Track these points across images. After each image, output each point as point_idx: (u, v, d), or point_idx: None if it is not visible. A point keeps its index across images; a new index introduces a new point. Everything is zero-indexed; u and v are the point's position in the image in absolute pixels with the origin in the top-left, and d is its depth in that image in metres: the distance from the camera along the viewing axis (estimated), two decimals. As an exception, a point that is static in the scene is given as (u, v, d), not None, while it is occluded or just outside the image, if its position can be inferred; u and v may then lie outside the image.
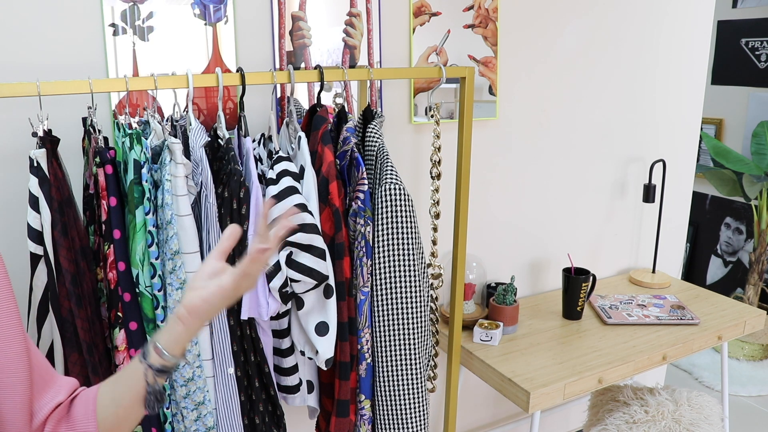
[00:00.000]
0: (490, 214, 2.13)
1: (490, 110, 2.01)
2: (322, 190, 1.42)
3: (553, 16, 2.06)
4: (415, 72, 1.57)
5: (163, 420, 1.35)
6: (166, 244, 1.27)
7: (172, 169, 1.26)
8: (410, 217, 1.45)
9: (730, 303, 2.18)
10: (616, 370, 1.76)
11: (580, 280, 1.99)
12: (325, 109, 1.46)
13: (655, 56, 2.33)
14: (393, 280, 1.47)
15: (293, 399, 1.54)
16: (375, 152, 1.49)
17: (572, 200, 2.30)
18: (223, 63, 1.57)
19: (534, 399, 1.63)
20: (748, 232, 3.68)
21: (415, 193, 1.96)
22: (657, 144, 2.45)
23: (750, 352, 3.27)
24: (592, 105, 2.23)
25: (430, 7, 1.82)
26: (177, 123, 1.35)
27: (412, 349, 1.50)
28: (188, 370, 1.30)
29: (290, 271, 1.34)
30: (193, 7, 1.51)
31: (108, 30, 1.43)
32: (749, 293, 3.33)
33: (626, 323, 2.00)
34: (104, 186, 1.25)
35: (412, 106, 1.87)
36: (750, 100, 3.54)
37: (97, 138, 1.26)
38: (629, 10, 2.21)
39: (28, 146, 1.42)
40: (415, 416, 1.53)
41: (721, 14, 3.62)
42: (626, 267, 2.53)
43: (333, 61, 1.71)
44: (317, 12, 1.66)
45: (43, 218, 1.21)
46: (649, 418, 1.88)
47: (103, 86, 1.23)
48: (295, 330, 1.46)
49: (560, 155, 2.22)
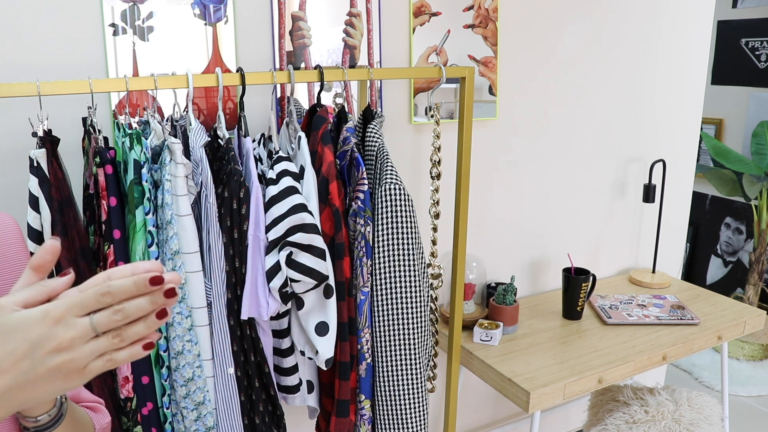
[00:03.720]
0: (490, 214, 2.13)
1: (490, 110, 2.01)
2: (322, 190, 1.42)
3: (554, 16, 2.06)
4: (415, 72, 1.57)
5: (163, 420, 1.35)
6: (166, 244, 1.27)
7: (172, 169, 1.26)
8: (410, 217, 1.45)
9: (730, 303, 2.18)
10: (616, 370, 1.76)
11: (580, 280, 1.99)
12: (325, 109, 1.46)
13: (655, 56, 2.33)
14: (393, 280, 1.47)
15: (293, 399, 1.54)
16: (375, 152, 1.49)
17: (572, 200, 2.30)
18: (223, 63, 1.57)
19: (534, 399, 1.63)
20: (748, 232, 3.68)
21: (415, 193, 1.96)
22: (657, 144, 2.45)
23: (750, 352, 3.27)
24: (593, 105, 2.23)
25: (430, 7, 1.82)
26: (177, 123, 1.35)
27: (412, 349, 1.50)
28: (188, 370, 1.30)
29: (290, 271, 1.34)
30: (193, 7, 1.51)
31: (108, 30, 1.43)
32: (749, 293, 3.33)
33: (626, 323, 2.00)
34: (104, 186, 1.25)
35: (412, 106, 1.87)
36: (750, 100, 3.54)
37: (97, 138, 1.26)
38: (629, 10, 2.21)
39: (28, 146, 1.42)
40: (415, 416, 1.53)
41: (721, 14, 3.62)
42: (626, 267, 2.53)
43: (333, 61, 1.71)
44: (317, 12, 1.66)
45: (43, 218, 1.21)
46: (649, 418, 1.88)
47: (103, 86, 1.23)
48: (295, 330, 1.46)
49: (560, 155, 2.22)
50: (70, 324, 0.54)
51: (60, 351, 0.54)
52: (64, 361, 0.54)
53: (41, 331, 0.53)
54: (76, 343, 0.54)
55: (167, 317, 0.57)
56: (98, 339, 0.55)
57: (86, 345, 0.55)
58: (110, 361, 0.56)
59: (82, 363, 0.55)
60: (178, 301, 1.27)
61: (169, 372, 1.32)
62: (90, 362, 0.55)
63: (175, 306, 1.27)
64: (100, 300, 0.54)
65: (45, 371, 0.54)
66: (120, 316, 0.55)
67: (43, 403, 0.58)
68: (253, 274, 1.34)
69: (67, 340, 0.54)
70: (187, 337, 1.29)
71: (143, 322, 0.56)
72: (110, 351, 0.56)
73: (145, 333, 0.56)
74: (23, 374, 0.54)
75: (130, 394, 1.29)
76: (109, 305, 0.55)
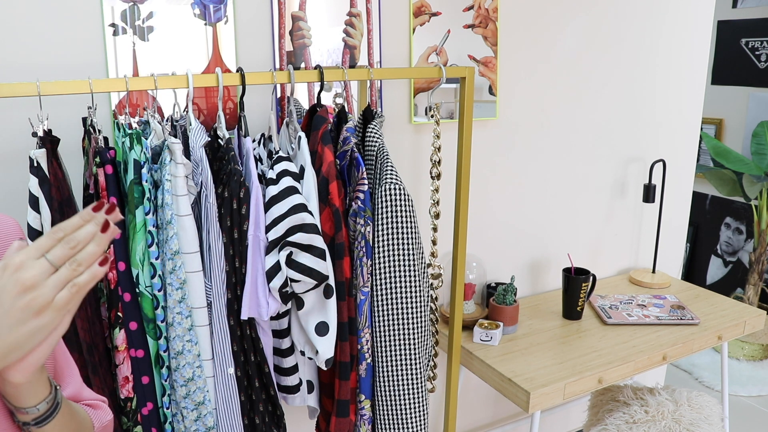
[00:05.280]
0: (490, 214, 2.13)
1: (490, 110, 2.01)
2: (322, 190, 1.42)
3: (553, 15, 2.06)
4: (415, 72, 1.57)
5: (163, 420, 1.35)
6: (166, 244, 1.27)
7: (172, 169, 1.26)
8: (410, 217, 1.45)
9: (730, 303, 2.18)
10: (616, 370, 1.76)
11: (580, 280, 1.99)
12: (325, 109, 1.46)
13: (655, 56, 2.33)
14: (393, 280, 1.47)
15: (293, 399, 1.54)
16: (375, 152, 1.49)
17: (572, 200, 2.30)
18: (223, 63, 1.57)
19: (534, 399, 1.63)
20: (748, 232, 3.68)
21: (415, 193, 1.96)
22: (657, 144, 2.45)
23: (750, 352, 3.27)
24: (592, 105, 2.23)
25: (430, 7, 1.82)
26: (177, 123, 1.35)
27: (412, 349, 1.50)
28: (188, 370, 1.30)
29: (290, 271, 1.34)
30: (193, 7, 1.51)
31: (108, 30, 1.43)
32: (749, 293, 3.33)
33: (626, 323, 2.00)
34: (104, 186, 1.25)
35: (412, 106, 1.87)
36: (750, 100, 3.54)
37: (97, 138, 1.26)
38: (629, 10, 2.21)
39: (28, 146, 1.42)
40: (415, 416, 1.53)
41: (721, 14, 3.62)
42: (626, 267, 2.53)
43: (333, 61, 1.71)
44: (317, 12, 1.66)
45: (43, 218, 1.21)
46: (649, 418, 1.88)
47: (103, 86, 1.23)
48: (295, 330, 1.46)
49: (560, 155, 2.22)
50: (29, 266, 0.59)
51: (25, 291, 0.59)
52: (31, 299, 0.59)
53: (3, 280, 0.59)
54: (37, 279, 0.59)
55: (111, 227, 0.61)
56: (59, 271, 0.60)
57: (48, 279, 0.60)
58: (74, 286, 0.61)
59: (50, 296, 0.60)
60: (178, 301, 1.27)
61: (169, 372, 1.32)
62: (56, 294, 0.60)
63: (175, 306, 1.27)
64: (53, 237, 0.60)
65: (16, 312, 0.59)
66: (72, 243, 0.60)
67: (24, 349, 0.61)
68: (253, 274, 1.34)
69: (29, 278, 0.59)
70: (187, 337, 1.29)
71: (93, 242, 0.61)
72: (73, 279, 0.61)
73: (97, 250, 0.61)
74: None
75: (130, 394, 1.29)
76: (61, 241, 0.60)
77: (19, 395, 0.66)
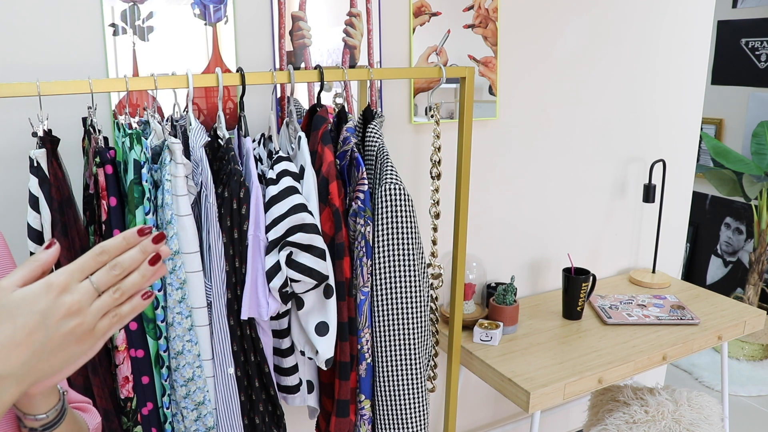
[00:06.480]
0: (490, 213, 2.13)
1: (490, 110, 2.01)
2: (322, 190, 1.42)
3: (553, 15, 2.06)
4: (415, 72, 1.57)
5: (163, 420, 1.35)
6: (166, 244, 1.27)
7: (172, 169, 1.26)
8: (410, 217, 1.45)
9: (730, 303, 2.18)
10: (616, 370, 1.76)
11: (580, 280, 1.99)
12: (325, 109, 1.46)
13: (655, 56, 2.33)
14: (393, 280, 1.47)
15: (293, 399, 1.54)
16: (375, 152, 1.49)
17: (572, 200, 2.30)
18: (223, 63, 1.57)
19: (534, 399, 1.63)
20: (748, 232, 3.68)
21: (415, 193, 1.96)
22: (657, 144, 2.45)
23: (750, 352, 3.27)
24: (592, 105, 2.23)
25: (430, 7, 1.82)
26: (177, 123, 1.35)
27: (412, 349, 1.50)
28: (188, 370, 1.30)
29: (290, 271, 1.34)
30: (193, 7, 1.51)
31: (108, 30, 1.43)
32: (749, 293, 3.33)
33: (626, 323, 2.00)
34: (104, 186, 1.25)
35: (412, 106, 1.87)
36: (750, 100, 3.54)
37: (97, 138, 1.26)
38: (629, 10, 2.21)
39: (28, 146, 1.42)
40: (415, 416, 1.53)
41: (721, 14, 3.62)
42: (626, 267, 2.53)
43: (333, 61, 1.71)
44: (317, 12, 1.66)
45: (43, 218, 1.21)
46: (649, 418, 1.88)
47: (103, 86, 1.23)
48: (295, 330, 1.46)
49: (560, 155, 2.22)
50: (74, 289, 0.57)
51: (70, 315, 0.57)
52: (75, 325, 0.57)
53: (48, 301, 0.56)
54: (83, 304, 0.57)
55: (159, 262, 0.61)
56: (101, 297, 0.58)
57: (92, 306, 0.58)
58: (116, 316, 0.59)
59: (92, 323, 0.58)
60: (178, 301, 1.27)
61: (169, 372, 1.32)
62: (98, 322, 0.59)
63: (175, 306, 1.27)
64: (97, 260, 0.58)
65: (59, 338, 0.56)
66: (117, 270, 0.59)
67: (60, 373, 0.60)
68: (253, 274, 1.34)
69: (75, 304, 0.56)
70: (187, 337, 1.29)
71: (138, 272, 0.60)
72: (114, 308, 0.59)
73: (141, 282, 0.60)
74: (40, 344, 0.56)
75: (130, 394, 1.29)
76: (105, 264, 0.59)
77: (31, 403, 0.66)
